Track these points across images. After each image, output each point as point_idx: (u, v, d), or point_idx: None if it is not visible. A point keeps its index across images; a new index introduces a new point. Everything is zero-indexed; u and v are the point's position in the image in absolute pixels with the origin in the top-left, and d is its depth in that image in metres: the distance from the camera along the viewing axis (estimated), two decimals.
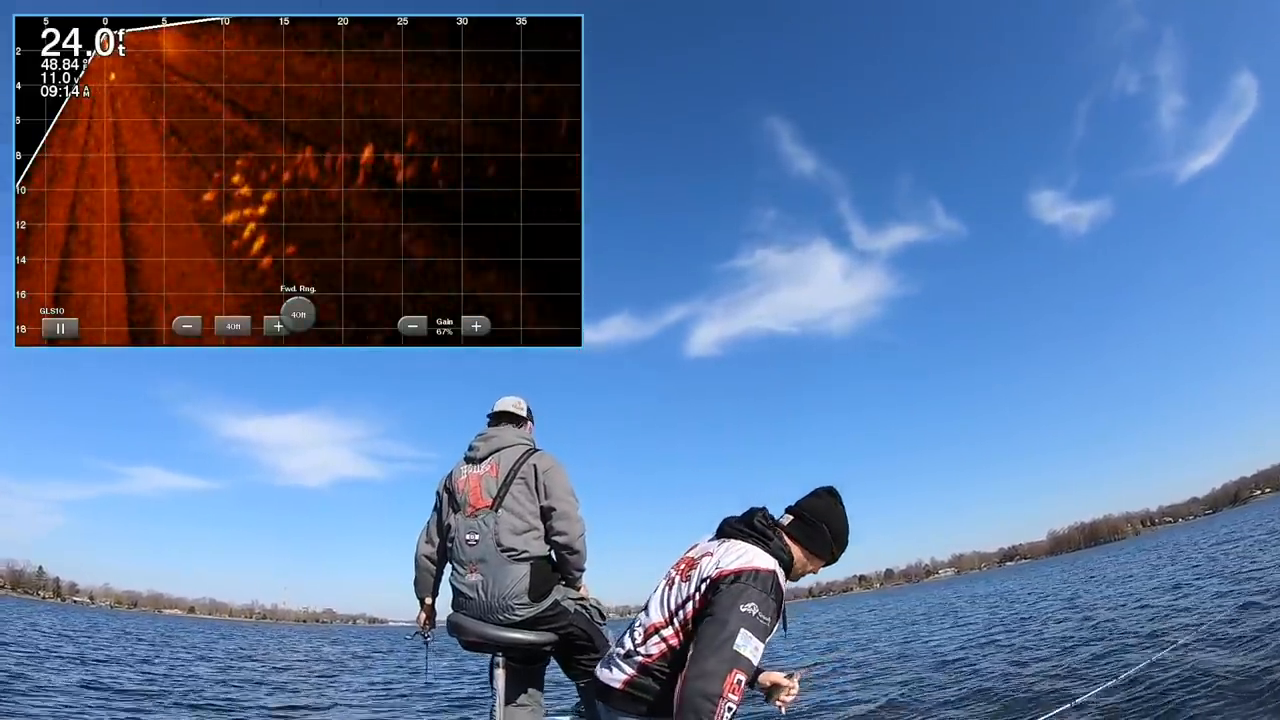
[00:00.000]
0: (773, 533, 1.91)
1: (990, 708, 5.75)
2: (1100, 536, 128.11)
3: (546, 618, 2.57)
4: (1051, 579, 28.97)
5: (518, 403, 2.91)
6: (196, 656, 16.66)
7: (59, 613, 51.80)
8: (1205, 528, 60.71)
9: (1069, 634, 9.48)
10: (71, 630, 24.20)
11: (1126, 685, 4.98)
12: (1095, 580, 21.69)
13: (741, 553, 1.81)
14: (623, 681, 1.84)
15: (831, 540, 1.97)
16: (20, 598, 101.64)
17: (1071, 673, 6.50)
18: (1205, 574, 14.27)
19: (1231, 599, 9.23)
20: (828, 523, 1.97)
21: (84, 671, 10.63)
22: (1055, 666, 6.99)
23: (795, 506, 2.02)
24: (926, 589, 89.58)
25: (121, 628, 32.35)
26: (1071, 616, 11.63)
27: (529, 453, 2.68)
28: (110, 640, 19.57)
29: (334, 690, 10.62)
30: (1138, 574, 19.87)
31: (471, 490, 2.63)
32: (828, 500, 2.02)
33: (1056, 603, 15.94)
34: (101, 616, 60.35)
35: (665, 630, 1.82)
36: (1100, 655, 7.10)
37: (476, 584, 2.53)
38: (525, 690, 2.75)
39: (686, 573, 1.86)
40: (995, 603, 21.76)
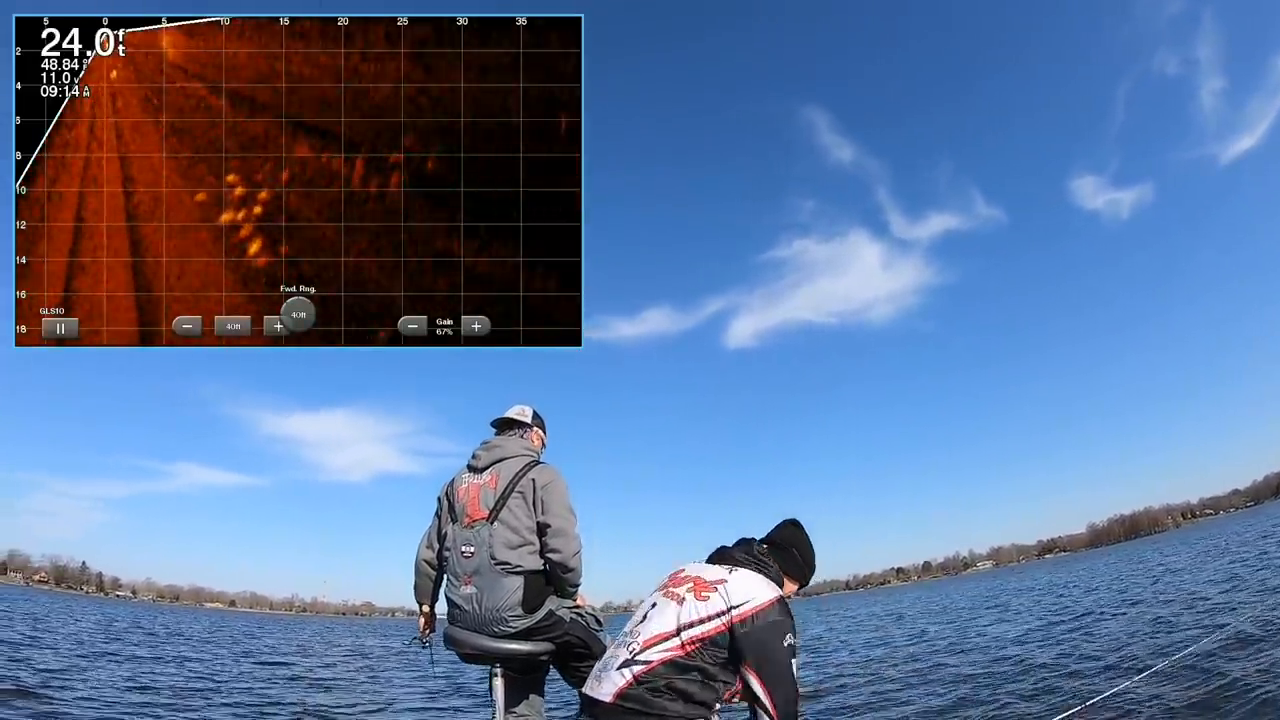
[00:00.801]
0: (769, 562, 2.09)
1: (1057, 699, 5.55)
2: (1140, 529, 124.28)
3: (542, 628, 2.57)
4: (1104, 571, 28.29)
5: (523, 410, 2.90)
6: (240, 652, 16.65)
7: (102, 607, 52.00)
8: (1248, 519, 58.98)
9: (1134, 625, 9.34)
10: (113, 624, 24.33)
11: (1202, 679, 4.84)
12: (1144, 571, 21.36)
13: (757, 584, 1.96)
14: (614, 693, 1.83)
15: (803, 563, 2.19)
16: (64, 593, 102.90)
17: (1136, 662, 6.35)
18: (1256, 566, 14.01)
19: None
20: (797, 548, 2.20)
21: (130, 667, 10.65)
22: (1126, 658, 6.83)
23: (769, 537, 2.23)
24: (965, 582, 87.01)
25: (172, 623, 32.48)
26: (1129, 609, 11.44)
27: (530, 465, 2.66)
28: (152, 636, 19.57)
29: (379, 686, 10.56)
30: (1185, 565, 19.56)
31: (470, 500, 2.62)
32: (793, 529, 2.26)
33: (1110, 594, 15.64)
34: (143, 610, 60.55)
35: (670, 642, 1.85)
36: (1164, 646, 6.98)
37: (471, 596, 2.53)
38: (525, 699, 2.74)
39: (701, 594, 1.93)
40: (1045, 594, 20.90)
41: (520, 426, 2.86)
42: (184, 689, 8.73)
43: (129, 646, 14.81)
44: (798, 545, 2.20)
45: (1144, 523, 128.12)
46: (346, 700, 8.65)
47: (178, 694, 8.16)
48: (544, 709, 2.84)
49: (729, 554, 2.09)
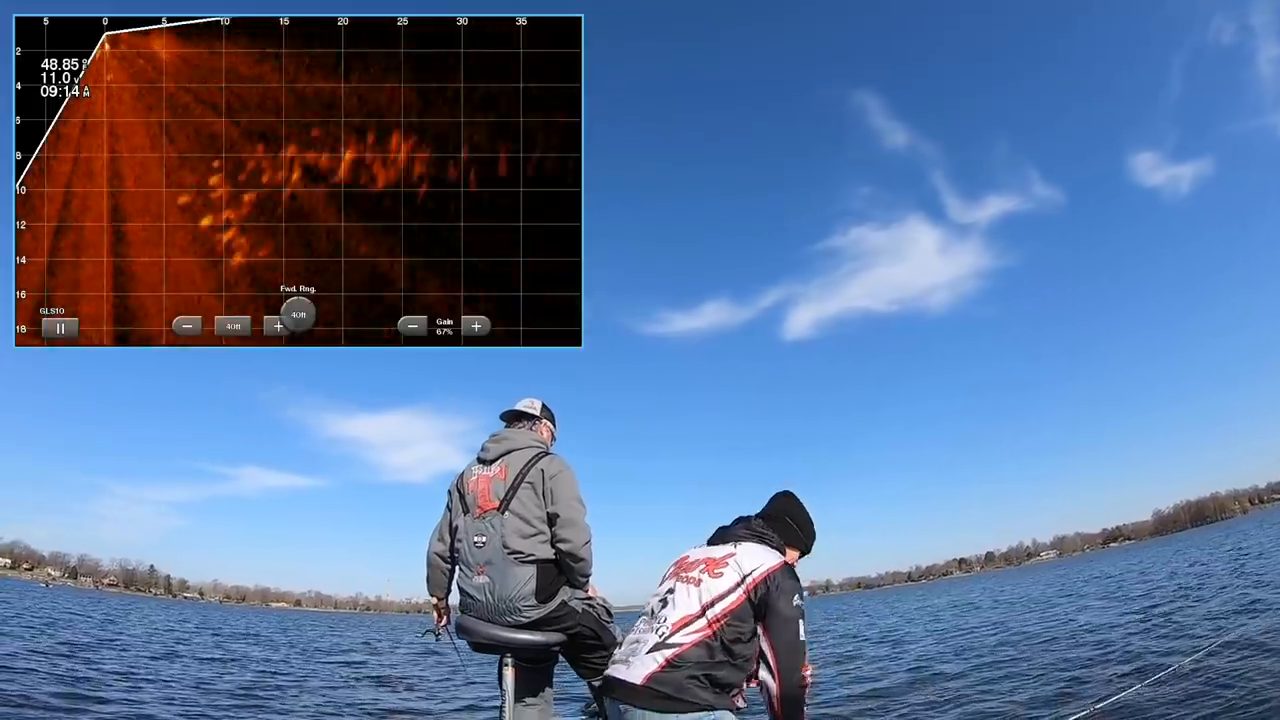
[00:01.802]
0: (769, 535, 2.14)
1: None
2: (1207, 515, 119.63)
3: (554, 618, 2.58)
4: (1179, 557, 27.41)
5: (531, 403, 2.93)
6: (312, 649, 16.63)
7: (170, 608, 52.29)
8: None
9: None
10: (186, 624, 24.43)
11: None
12: (1225, 554, 20.78)
13: (761, 552, 2.03)
14: (645, 676, 1.86)
15: (799, 529, 2.24)
16: (133, 595, 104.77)
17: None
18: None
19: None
20: (790, 516, 2.24)
21: (200, 668, 10.66)
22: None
23: (763, 511, 2.27)
24: (1029, 572, 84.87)
25: (245, 623, 32.56)
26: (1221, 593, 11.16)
27: (539, 456, 2.68)
28: (221, 636, 19.58)
29: (455, 687, 10.50)
30: (1267, 548, 19.15)
31: (480, 492, 2.64)
32: (784, 499, 2.30)
33: (1193, 578, 15.24)
34: (211, 610, 60.78)
35: (697, 623, 1.90)
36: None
37: (483, 586, 2.55)
38: (535, 690, 2.77)
39: (714, 571, 1.99)
40: (1112, 582, 20.36)
41: (529, 419, 2.88)
42: (259, 686, 8.77)
43: (209, 646, 14.85)
44: (790, 513, 2.26)
45: (1210, 509, 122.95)
46: (422, 702, 8.62)
47: (251, 693, 8.18)
48: (553, 700, 2.85)
49: (729, 532, 2.16)
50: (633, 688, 1.86)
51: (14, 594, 35.80)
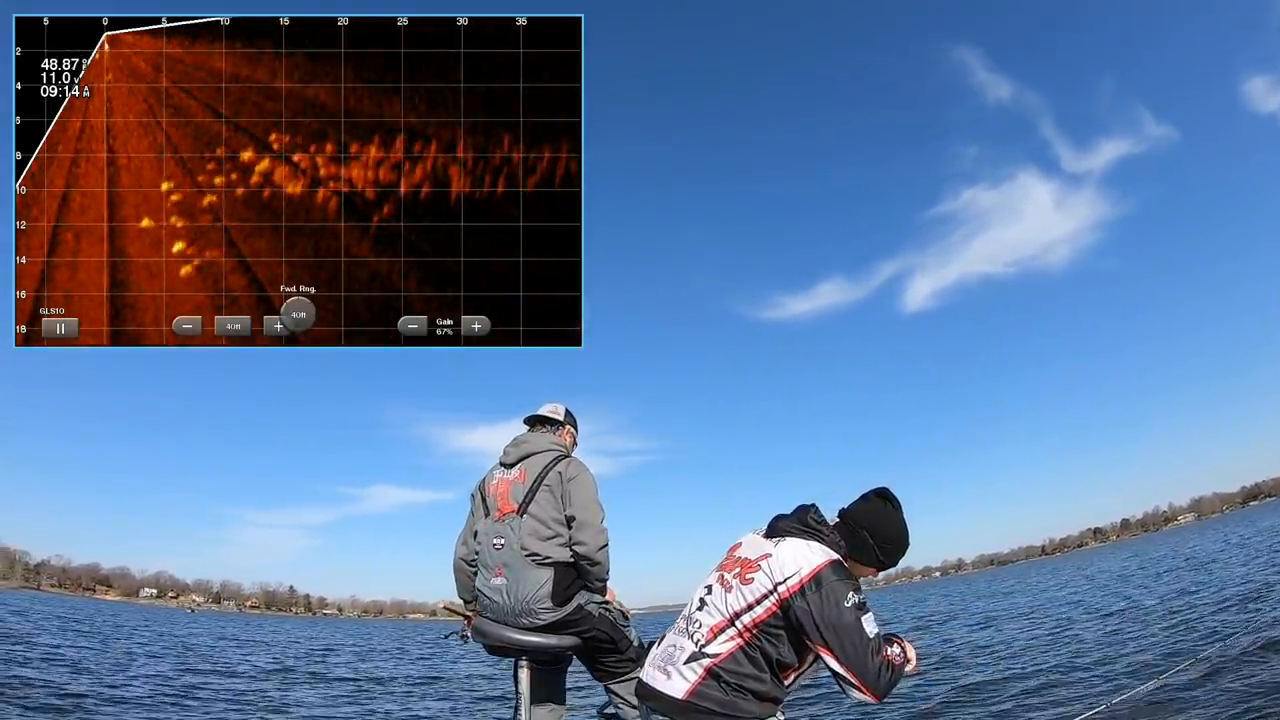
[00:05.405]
0: (825, 529, 1.88)
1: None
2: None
3: (570, 621, 2.58)
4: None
5: (555, 408, 2.94)
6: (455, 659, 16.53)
7: (310, 626, 52.15)
8: None
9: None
10: (332, 641, 24.20)
11: None
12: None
13: (803, 552, 1.81)
14: (687, 690, 1.79)
15: (876, 548, 1.90)
16: (275, 615, 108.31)
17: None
18: None
19: None
20: (870, 529, 1.90)
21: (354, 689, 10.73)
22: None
23: (844, 511, 1.98)
24: (1169, 536, 78.67)
25: (393, 636, 32.19)
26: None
27: (558, 459, 2.70)
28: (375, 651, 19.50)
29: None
30: None
31: (501, 495, 2.66)
32: (876, 504, 1.94)
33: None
34: (351, 625, 60.71)
35: (729, 631, 1.81)
36: None
37: (501, 587, 2.55)
38: (550, 691, 2.77)
39: (745, 576, 1.84)
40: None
41: (552, 424, 2.90)
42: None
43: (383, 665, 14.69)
44: (869, 525, 1.90)
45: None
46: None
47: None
48: (568, 702, 2.87)
49: (779, 524, 1.92)
50: (674, 701, 1.81)
51: (165, 623, 34.03)
